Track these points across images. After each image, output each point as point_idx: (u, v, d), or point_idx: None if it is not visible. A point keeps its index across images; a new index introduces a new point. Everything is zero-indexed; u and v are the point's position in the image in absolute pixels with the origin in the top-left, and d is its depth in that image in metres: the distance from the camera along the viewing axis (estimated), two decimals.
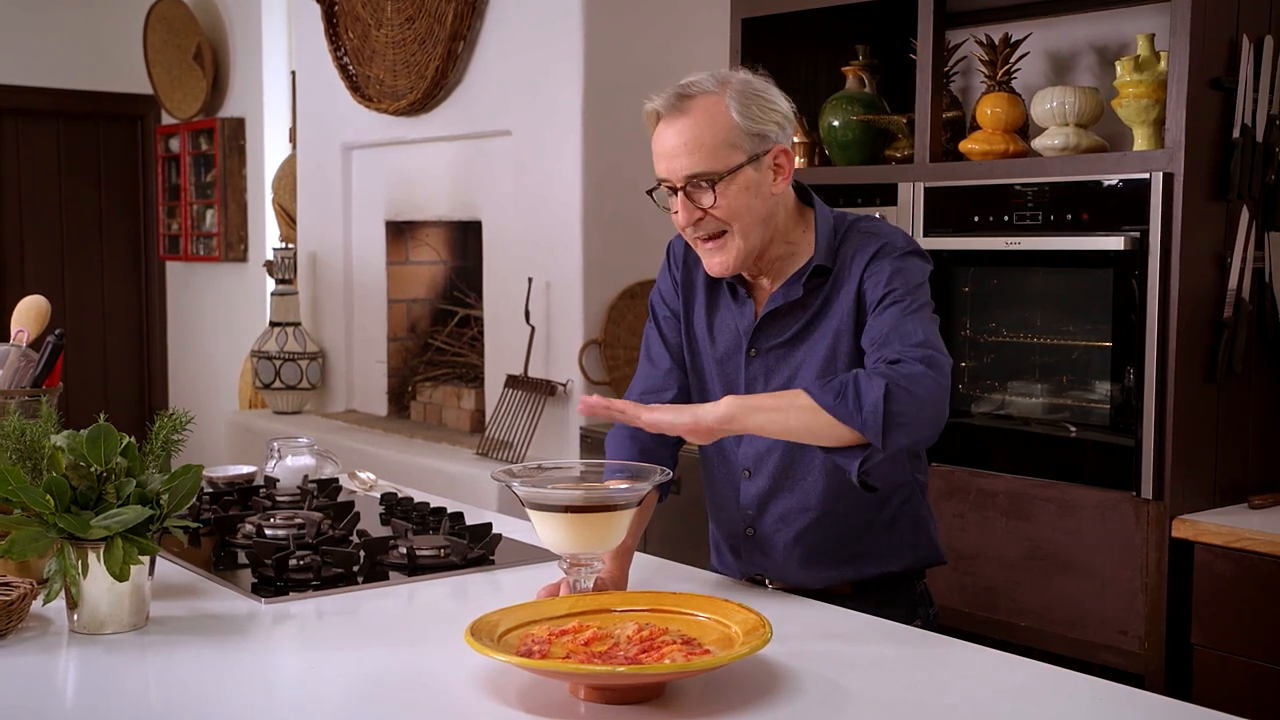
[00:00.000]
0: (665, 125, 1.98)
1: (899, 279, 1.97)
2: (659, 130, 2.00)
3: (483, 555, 2.26)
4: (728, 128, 1.95)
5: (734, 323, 2.09)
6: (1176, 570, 2.77)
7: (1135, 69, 2.91)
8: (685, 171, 1.96)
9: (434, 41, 4.68)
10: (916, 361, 1.86)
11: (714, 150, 1.94)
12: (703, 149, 1.94)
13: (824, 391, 1.83)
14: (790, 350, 2.04)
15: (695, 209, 1.97)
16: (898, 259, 1.99)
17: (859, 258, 2.00)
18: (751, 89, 1.98)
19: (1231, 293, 2.82)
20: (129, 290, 7.29)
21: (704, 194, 1.96)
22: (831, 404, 1.82)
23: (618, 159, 4.26)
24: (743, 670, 1.66)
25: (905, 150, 3.39)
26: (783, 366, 2.05)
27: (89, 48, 6.93)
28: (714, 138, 1.94)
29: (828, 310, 2.02)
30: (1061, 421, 2.99)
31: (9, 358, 2.47)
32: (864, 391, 1.81)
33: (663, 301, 2.19)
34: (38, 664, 1.74)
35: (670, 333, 2.17)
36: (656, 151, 2.00)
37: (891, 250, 2.00)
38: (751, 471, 2.09)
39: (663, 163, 1.99)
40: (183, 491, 1.87)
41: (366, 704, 1.60)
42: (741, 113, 1.95)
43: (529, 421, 4.32)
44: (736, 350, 2.09)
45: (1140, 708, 1.64)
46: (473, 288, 5.08)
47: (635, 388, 2.20)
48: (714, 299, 2.13)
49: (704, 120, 1.95)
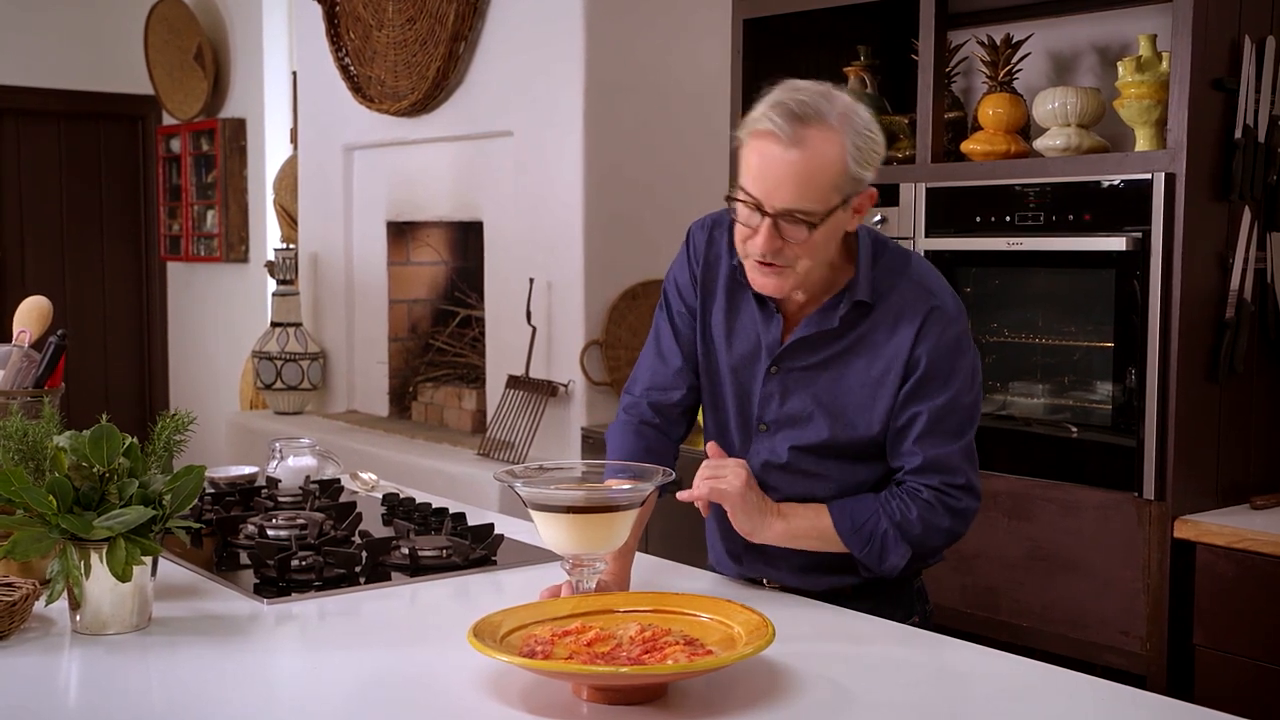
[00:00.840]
0: (777, 148, 1.85)
1: (957, 375, 1.96)
2: (766, 148, 1.86)
3: (485, 556, 2.26)
4: (839, 170, 1.86)
5: (756, 332, 2.04)
6: (1178, 571, 2.77)
7: (1137, 69, 2.91)
8: (786, 205, 1.85)
9: (435, 42, 4.68)
10: (948, 514, 1.97)
11: (821, 191, 1.86)
12: (811, 189, 1.85)
13: (853, 535, 1.96)
14: (813, 375, 2.01)
15: (778, 240, 1.88)
16: (954, 341, 1.97)
17: (909, 314, 1.96)
18: (865, 128, 1.89)
19: (1233, 293, 2.82)
20: (130, 291, 7.29)
21: (797, 229, 1.87)
22: (858, 550, 1.97)
23: (619, 159, 4.27)
24: (745, 671, 1.66)
25: (907, 151, 3.39)
26: (800, 390, 2.01)
27: (90, 48, 6.93)
28: (824, 179, 1.85)
29: (862, 350, 1.98)
30: (1063, 422, 2.99)
31: (11, 358, 2.47)
32: (889, 552, 1.96)
33: (679, 295, 2.13)
34: (40, 664, 1.73)
35: (684, 328, 2.12)
36: (756, 169, 1.87)
37: (944, 319, 1.96)
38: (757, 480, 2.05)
39: (761, 184, 1.87)
40: (185, 492, 1.86)
41: (368, 705, 1.60)
42: (854, 156, 1.87)
43: (530, 422, 4.31)
44: (754, 361, 2.05)
45: (1142, 708, 1.63)
46: (474, 288, 5.08)
47: (641, 378, 2.16)
48: (735, 301, 2.07)
49: (820, 159, 1.85)
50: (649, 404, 2.13)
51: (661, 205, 4.35)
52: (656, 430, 2.12)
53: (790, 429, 2.03)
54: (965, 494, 1.98)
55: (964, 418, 1.99)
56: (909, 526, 1.95)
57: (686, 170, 4.37)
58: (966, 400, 1.99)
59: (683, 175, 4.37)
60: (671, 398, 2.13)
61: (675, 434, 2.15)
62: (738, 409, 2.08)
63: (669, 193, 4.36)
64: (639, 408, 2.14)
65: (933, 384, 1.96)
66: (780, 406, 2.03)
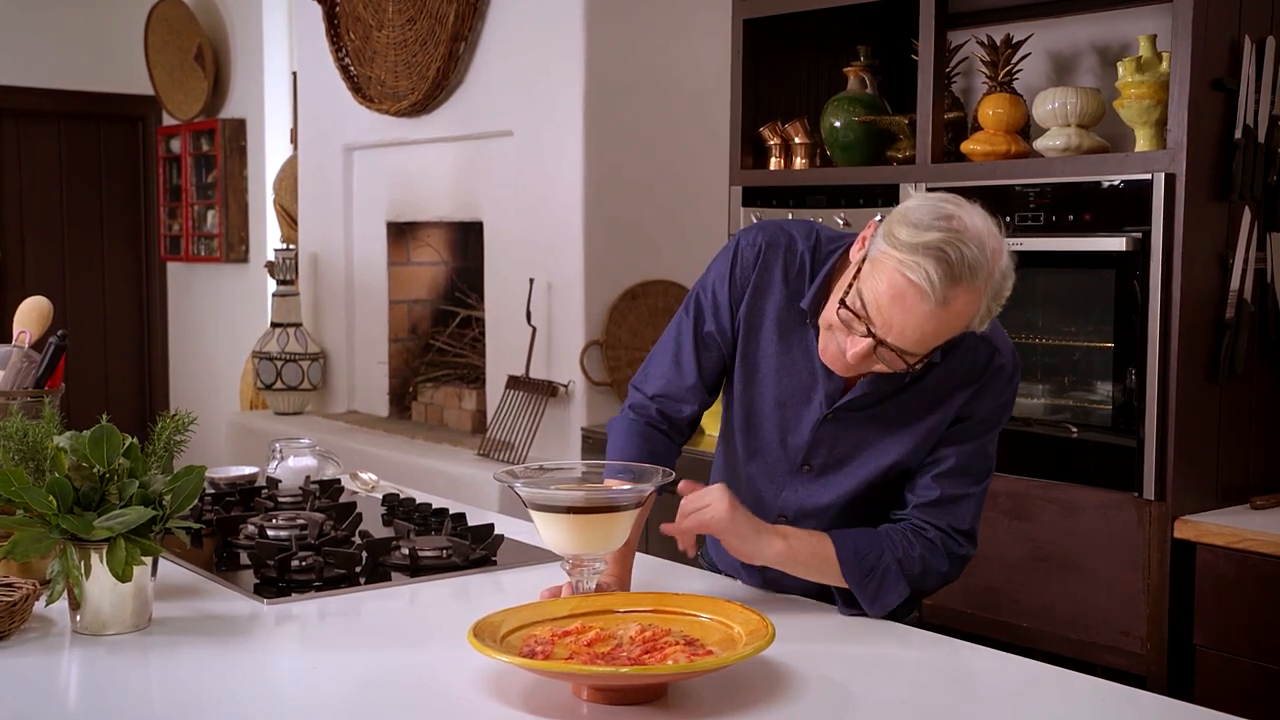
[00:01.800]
0: (921, 304, 1.73)
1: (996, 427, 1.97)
2: (908, 296, 1.73)
3: (485, 556, 2.26)
4: (965, 326, 1.79)
5: (814, 374, 1.96)
6: (1178, 571, 2.77)
7: (1137, 70, 2.91)
8: (901, 348, 1.78)
9: (435, 42, 4.68)
10: (947, 557, 1.96)
11: (939, 342, 1.81)
12: (933, 344, 1.80)
13: (855, 565, 1.92)
14: (867, 419, 1.97)
15: (873, 359, 1.81)
16: (1008, 397, 1.97)
17: (973, 370, 1.93)
18: (1004, 283, 1.79)
19: (1233, 293, 2.82)
20: (130, 291, 7.29)
21: (896, 360, 1.80)
22: (857, 582, 1.92)
23: (619, 159, 4.27)
24: (746, 671, 1.66)
25: (907, 151, 3.39)
26: (851, 434, 1.98)
27: (90, 48, 6.93)
28: (948, 335, 1.79)
29: (922, 399, 1.94)
30: (1063, 422, 2.99)
31: (11, 359, 2.47)
32: (886, 590, 1.93)
33: (713, 312, 2.03)
34: (40, 665, 1.73)
35: (710, 346, 2.05)
36: (887, 306, 1.74)
37: (1005, 377, 1.95)
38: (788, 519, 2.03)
39: (882, 319, 1.76)
40: (185, 492, 1.86)
41: (369, 705, 1.60)
42: (983, 316, 1.80)
43: (530, 422, 4.32)
44: (806, 402, 1.98)
45: (1142, 708, 1.64)
46: (474, 288, 5.08)
47: (654, 382, 2.10)
48: (789, 337, 1.99)
49: (956, 320, 1.76)
50: (658, 410, 2.09)
51: (661, 205, 4.35)
52: (662, 435, 2.10)
53: (835, 472, 2.00)
54: (967, 541, 1.98)
55: (988, 465, 2.00)
56: (910, 564, 1.93)
57: (686, 170, 4.37)
58: (993, 448, 2.00)
59: (683, 175, 4.37)
60: (682, 411, 2.09)
61: (680, 440, 2.13)
62: (778, 443, 2.03)
63: (669, 193, 4.36)
64: (647, 411, 2.10)
65: (972, 433, 1.96)
66: (830, 450, 2.00)
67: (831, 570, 1.92)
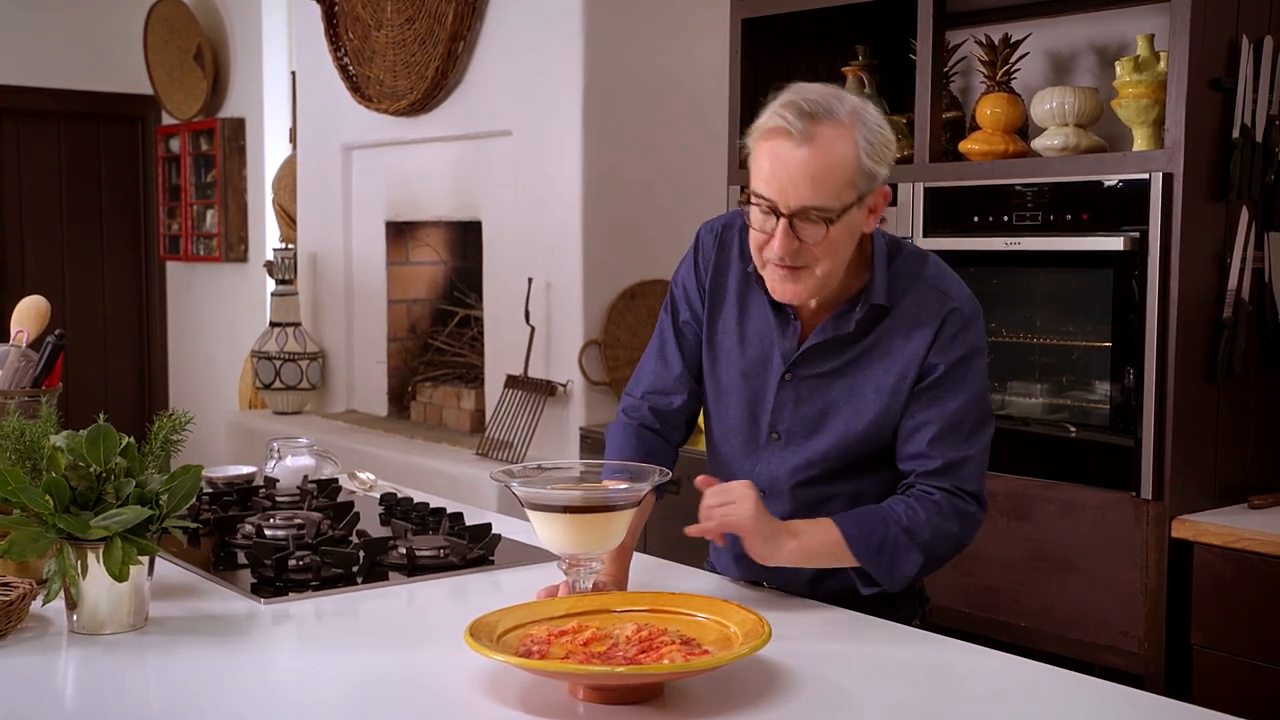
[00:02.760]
0: (789, 146, 1.83)
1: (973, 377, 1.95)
2: (778, 148, 1.84)
3: (482, 556, 2.26)
4: (853, 164, 1.84)
5: (771, 339, 2.01)
6: (1176, 570, 2.77)
7: (1135, 69, 2.91)
8: (803, 203, 1.83)
9: (434, 42, 4.68)
10: (958, 518, 1.94)
11: (835, 187, 1.83)
12: (828, 184, 1.83)
13: (863, 544, 1.91)
14: (827, 382, 1.98)
15: (795, 240, 1.85)
16: (971, 344, 1.96)
17: (926, 318, 1.94)
18: (876, 124, 1.88)
19: (1231, 293, 2.82)
20: (129, 290, 7.29)
21: (814, 229, 1.84)
22: (869, 559, 1.92)
23: (618, 159, 4.27)
24: (742, 671, 1.66)
25: (905, 150, 3.38)
26: (816, 396, 1.99)
27: (89, 48, 6.93)
28: (838, 174, 1.83)
29: (877, 355, 1.96)
30: (1061, 422, 2.99)
31: (9, 358, 2.47)
32: (900, 560, 1.92)
33: (685, 301, 2.10)
34: (37, 664, 1.73)
35: (688, 334, 2.10)
36: (768, 170, 1.85)
37: (962, 321, 1.95)
38: (766, 492, 2.03)
39: (774, 185, 1.84)
40: (182, 492, 1.86)
41: (366, 704, 1.60)
42: (866, 151, 1.85)
43: (529, 422, 4.32)
44: (767, 367, 2.02)
45: (1140, 708, 1.64)
46: (473, 288, 5.08)
47: (642, 382, 2.14)
48: (747, 306, 2.04)
49: (833, 153, 1.83)
50: (650, 408, 2.12)
51: (660, 205, 4.35)
52: (656, 434, 2.11)
53: (803, 439, 2.01)
54: (975, 501, 1.96)
55: (979, 419, 1.97)
56: (918, 530, 1.92)
57: (685, 170, 4.37)
58: (981, 401, 1.97)
59: (681, 175, 4.37)
60: (672, 403, 2.11)
61: (675, 438, 2.14)
62: (747, 417, 2.05)
63: (668, 192, 4.36)
64: (640, 411, 2.12)
65: (947, 388, 1.94)
66: (794, 413, 2.01)
67: (844, 553, 1.92)
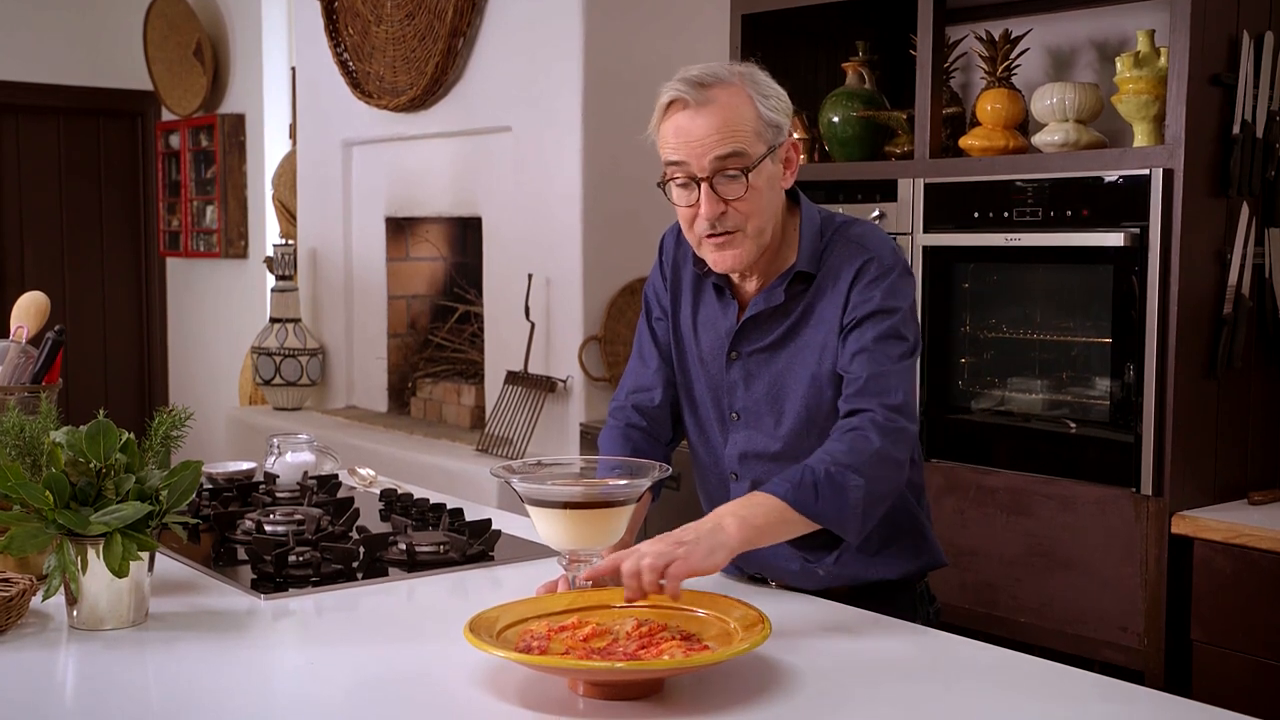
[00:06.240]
0: (690, 113, 1.91)
1: (888, 308, 1.94)
2: (679, 119, 1.92)
3: (482, 551, 2.26)
4: (753, 117, 1.91)
5: (718, 322, 2.07)
6: (1176, 566, 2.77)
7: (1135, 65, 2.91)
8: (714, 155, 1.89)
9: (434, 38, 4.68)
10: (879, 433, 1.87)
11: (742, 137, 1.89)
12: (735, 136, 1.89)
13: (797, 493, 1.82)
14: (772, 355, 2.02)
15: (719, 202, 1.91)
16: (888, 283, 1.95)
17: (845, 270, 1.97)
18: (765, 80, 1.95)
19: (1231, 289, 2.82)
20: (129, 286, 7.29)
21: (734, 184, 1.90)
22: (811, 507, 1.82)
23: (617, 155, 4.26)
24: (742, 666, 1.66)
25: (905, 146, 3.39)
26: (764, 371, 2.02)
27: (89, 44, 6.93)
28: (742, 126, 1.89)
29: (810, 319, 1.99)
30: (1061, 418, 2.99)
31: (8, 354, 2.47)
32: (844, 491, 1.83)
33: (656, 300, 2.17)
34: (37, 660, 1.74)
35: (660, 332, 2.16)
36: (675, 142, 1.93)
37: (880, 268, 1.96)
38: (738, 475, 2.06)
39: (683, 150, 1.91)
40: (182, 487, 1.86)
41: (366, 700, 1.60)
42: (762, 103, 1.92)
43: (529, 417, 4.32)
44: (720, 351, 2.06)
45: (1140, 704, 1.64)
46: (473, 284, 5.08)
47: (626, 383, 2.19)
48: (700, 296, 2.10)
49: (732, 108, 1.90)
50: (634, 406, 2.16)
51: (660, 201, 4.29)
52: (643, 433, 2.14)
53: (760, 415, 2.03)
54: (898, 414, 1.90)
55: (904, 349, 1.95)
56: (841, 456, 1.85)
57: None
58: (906, 332, 1.95)
59: None
60: (654, 398, 2.15)
61: (664, 436, 2.17)
62: (712, 403, 2.09)
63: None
64: (624, 411, 2.17)
65: (870, 320, 1.94)
66: (746, 393, 2.04)
67: (789, 515, 1.82)
